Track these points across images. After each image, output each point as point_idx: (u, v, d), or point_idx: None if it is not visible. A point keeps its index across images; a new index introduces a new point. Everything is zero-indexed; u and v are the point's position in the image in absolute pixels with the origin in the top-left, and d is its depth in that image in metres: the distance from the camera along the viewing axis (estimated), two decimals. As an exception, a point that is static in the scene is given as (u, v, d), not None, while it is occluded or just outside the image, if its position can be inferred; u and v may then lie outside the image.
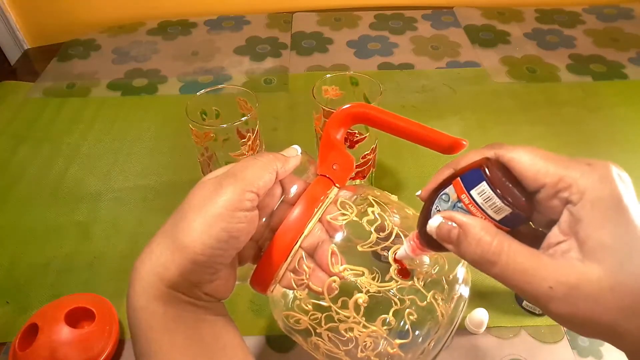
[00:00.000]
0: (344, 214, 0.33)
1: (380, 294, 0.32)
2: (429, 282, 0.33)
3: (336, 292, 0.32)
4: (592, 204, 0.24)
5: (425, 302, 0.32)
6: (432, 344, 0.32)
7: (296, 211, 0.32)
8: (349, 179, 0.36)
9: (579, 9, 1.00)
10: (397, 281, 0.32)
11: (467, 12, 1.00)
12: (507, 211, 0.25)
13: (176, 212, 0.31)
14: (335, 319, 0.32)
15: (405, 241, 0.30)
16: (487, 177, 0.25)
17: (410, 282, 0.32)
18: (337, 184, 0.35)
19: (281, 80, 0.82)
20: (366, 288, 0.32)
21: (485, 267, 0.25)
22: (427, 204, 0.28)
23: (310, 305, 0.33)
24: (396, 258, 0.32)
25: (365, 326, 0.31)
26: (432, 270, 0.33)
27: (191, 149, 0.54)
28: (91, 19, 1.00)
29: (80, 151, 0.69)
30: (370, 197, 0.35)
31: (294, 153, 0.35)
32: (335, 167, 0.35)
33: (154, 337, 0.29)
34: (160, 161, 0.67)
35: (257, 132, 0.52)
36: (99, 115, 0.75)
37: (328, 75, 0.54)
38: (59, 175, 0.65)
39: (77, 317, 0.47)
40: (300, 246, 0.32)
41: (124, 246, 0.56)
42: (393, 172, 0.65)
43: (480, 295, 0.50)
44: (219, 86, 0.54)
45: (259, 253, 0.34)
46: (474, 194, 0.26)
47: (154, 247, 0.30)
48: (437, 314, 0.32)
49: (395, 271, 0.32)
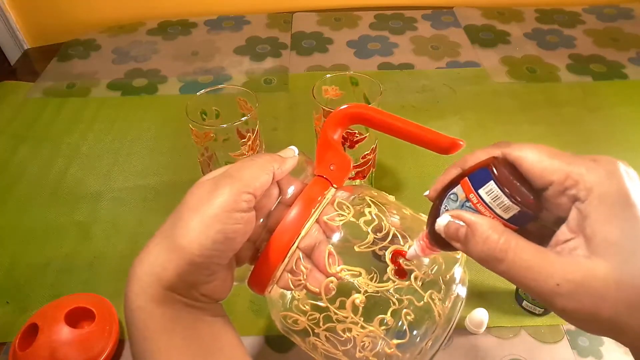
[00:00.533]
0: (341, 215, 0.33)
1: (378, 294, 0.32)
2: (426, 282, 0.33)
3: (333, 293, 0.32)
4: (599, 200, 0.24)
5: (422, 302, 0.32)
6: (430, 343, 0.32)
7: (293, 212, 0.32)
8: (347, 179, 0.36)
9: (579, 9, 1.00)
10: (394, 281, 0.32)
11: (467, 12, 1.00)
12: (515, 210, 0.25)
13: (174, 213, 0.31)
14: (333, 319, 0.32)
15: (414, 241, 0.30)
16: (495, 176, 0.25)
17: (407, 282, 0.32)
18: (334, 185, 0.35)
19: (281, 80, 0.82)
20: (364, 289, 0.32)
21: (492, 265, 0.25)
22: (436, 204, 0.28)
23: (308, 306, 0.33)
24: (396, 257, 0.32)
25: (362, 326, 0.31)
26: (430, 271, 0.33)
27: (191, 149, 0.54)
28: (91, 19, 1.00)
29: (80, 151, 0.69)
30: (368, 198, 0.35)
31: (291, 154, 0.35)
32: (332, 167, 0.35)
33: (152, 337, 0.29)
34: (160, 161, 0.67)
35: (257, 132, 0.52)
36: (99, 115, 0.75)
37: (328, 75, 0.54)
38: (59, 175, 0.66)
39: (77, 317, 0.47)
40: (298, 247, 0.32)
41: (124, 246, 0.56)
42: (393, 172, 0.65)
43: (480, 295, 0.50)
44: (219, 86, 0.54)
45: (257, 254, 0.34)
46: (482, 193, 0.26)
47: (151, 248, 0.30)
48: (434, 314, 0.32)
49: (393, 271, 0.32)
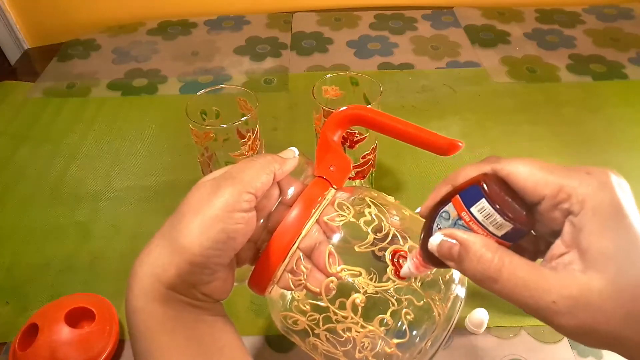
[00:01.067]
0: (341, 215, 0.33)
1: (378, 295, 0.32)
2: (425, 283, 0.33)
3: (334, 293, 0.32)
4: (592, 213, 0.24)
5: (422, 302, 0.32)
6: (429, 343, 0.32)
7: (293, 212, 0.32)
8: (347, 180, 0.36)
9: (579, 9, 1.00)
10: (394, 281, 0.32)
11: (467, 12, 1.00)
12: (508, 227, 0.25)
13: (174, 214, 0.31)
14: (333, 319, 0.32)
15: (408, 258, 0.30)
16: (487, 194, 0.25)
17: (407, 282, 0.32)
18: (334, 186, 0.35)
19: (281, 80, 0.82)
20: (364, 289, 0.32)
21: (487, 284, 0.25)
22: (428, 222, 0.28)
23: (308, 306, 0.33)
24: (396, 257, 0.32)
25: (362, 326, 0.31)
26: (429, 271, 0.33)
27: (191, 149, 0.54)
28: (91, 19, 1.00)
29: (80, 151, 0.69)
30: (368, 199, 0.35)
31: (292, 155, 0.35)
32: (332, 168, 0.35)
33: (153, 337, 0.29)
34: (160, 161, 0.67)
35: (257, 132, 0.52)
36: (99, 115, 0.75)
37: (328, 75, 0.54)
38: (59, 175, 0.66)
39: (77, 317, 0.47)
40: (298, 247, 0.32)
41: (124, 246, 0.56)
42: (393, 172, 0.65)
43: (480, 295, 0.50)
44: (219, 86, 0.54)
45: (257, 254, 0.34)
46: (474, 211, 0.26)
47: (152, 249, 0.30)
48: (433, 314, 0.32)
49: (392, 271, 0.32)
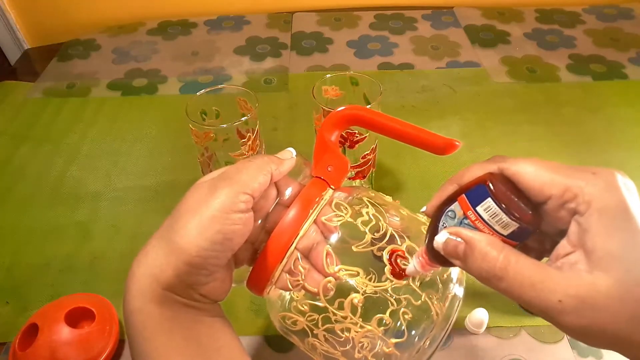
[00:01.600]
0: (338, 215, 0.33)
1: (377, 295, 0.32)
2: (424, 282, 0.33)
3: (332, 293, 0.32)
4: (598, 213, 0.24)
5: (420, 301, 0.32)
6: (428, 343, 0.32)
7: (291, 213, 0.32)
8: (344, 180, 0.36)
9: (579, 9, 1.00)
10: (392, 281, 0.32)
11: (467, 12, 1.00)
12: (514, 226, 0.25)
13: (172, 215, 0.31)
14: (332, 320, 0.32)
15: (413, 257, 0.30)
16: (493, 193, 0.25)
17: (405, 282, 0.32)
18: (332, 186, 0.35)
19: (281, 80, 0.82)
20: (362, 289, 0.32)
21: (492, 283, 0.25)
22: (434, 221, 0.28)
23: (306, 306, 0.33)
24: (394, 257, 0.32)
25: (361, 326, 0.31)
26: (435, 270, 0.33)
27: (191, 149, 0.54)
28: (91, 19, 1.00)
29: (80, 151, 0.69)
30: (365, 199, 0.35)
31: (289, 155, 0.35)
32: (330, 169, 0.35)
33: (150, 338, 0.29)
34: (160, 161, 0.67)
35: (257, 132, 0.52)
36: (99, 115, 0.75)
37: (328, 75, 0.54)
38: (59, 175, 0.66)
39: (77, 317, 0.47)
40: (296, 248, 0.32)
41: (124, 246, 0.56)
42: (393, 172, 0.65)
43: (480, 295, 0.50)
44: (219, 86, 0.54)
45: (255, 255, 0.34)
46: (480, 210, 0.26)
47: (149, 249, 0.30)
48: (432, 313, 0.32)
49: (390, 271, 0.32)
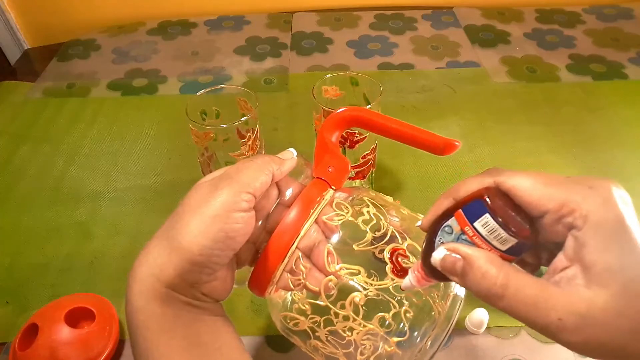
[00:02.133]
0: (339, 214, 0.33)
1: (379, 297, 0.32)
2: None
3: (333, 292, 0.32)
4: (595, 228, 0.24)
5: (421, 300, 0.32)
6: (429, 342, 0.32)
7: (292, 213, 0.32)
8: (345, 181, 0.36)
9: (579, 9, 1.00)
10: (393, 279, 0.32)
11: (467, 12, 1.00)
12: (512, 242, 0.25)
13: (173, 214, 0.31)
14: (334, 320, 0.32)
15: (410, 271, 0.30)
16: (490, 209, 0.25)
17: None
18: (332, 186, 0.35)
19: (281, 80, 0.82)
20: (364, 288, 0.32)
21: (492, 301, 0.25)
22: (430, 236, 0.28)
23: (307, 305, 0.33)
24: (395, 256, 0.32)
25: (363, 325, 0.31)
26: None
27: (191, 149, 0.54)
28: (91, 19, 1.00)
29: (80, 151, 0.69)
30: (366, 199, 0.35)
31: (290, 156, 0.35)
32: (330, 169, 0.35)
33: (152, 337, 0.29)
34: (160, 161, 0.67)
35: (257, 132, 0.52)
36: (99, 115, 0.75)
37: (328, 75, 0.54)
38: (59, 175, 0.65)
39: (77, 317, 0.47)
40: (297, 247, 0.33)
41: (124, 246, 0.56)
42: (393, 172, 0.65)
43: (480, 295, 0.50)
44: (219, 86, 0.54)
45: (257, 255, 0.34)
46: (477, 226, 0.25)
47: (151, 249, 0.30)
48: (433, 313, 0.32)
49: (391, 269, 0.32)
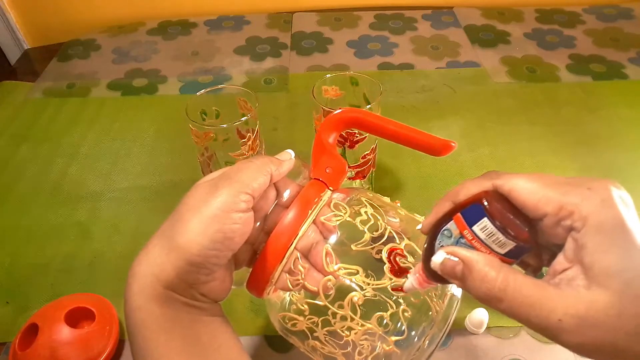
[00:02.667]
0: (337, 215, 0.34)
1: (377, 298, 0.32)
2: None
3: (332, 292, 0.32)
4: (595, 229, 0.24)
5: (419, 299, 0.32)
6: (427, 341, 0.32)
7: (290, 214, 0.32)
8: (342, 182, 0.36)
9: (579, 9, 1.00)
10: (391, 279, 0.32)
11: (467, 12, 1.00)
12: (511, 245, 0.25)
13: (172, 214, 0.31)
14: (332, 320, 0.32)
15: (410, 274, 0.30)
16: (489, 212, 0.25)
17: (404, 280, 0.32)
18: (330, 187, 0.35)
19: (281, 80, 0.82)
20: (362, 288, 0.32)
21: (492, 303, 0.25)
22: (430, 239, 0.28)
23: (306, 305, 0.33)
24: (393, 256, 0.32)
25: (362, 324, 0.32)
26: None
27: (191, 149, 0.54)
28: (91, 19, 1.00)
29: (80, 151, 0.69)
30: (364, 199, 0.35)
31: (288, 157, 0.35)
32: (328, 170, 0.35)
33: (151, 336, 0.29)
34: (160, 161, 0.67)
35: (257, 132, 0.52)
36: (99, 115, 0.75)
37: (328, 75, 0.54)
38: (59, 175, 0.65)
39: (77, 317, 0.47)
40: (295, 247, 0.33)
41: (124, 246, 0.56)
42: (393, 172, 0.65)
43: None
44: (219, 86, 0.54)
45: (255, 256, 0.34)
46: (476, 229, 0.25)
47: (150, 249, 0.30)
48: (431, 312, 0.32)
49: (389, 269, 0.32)
